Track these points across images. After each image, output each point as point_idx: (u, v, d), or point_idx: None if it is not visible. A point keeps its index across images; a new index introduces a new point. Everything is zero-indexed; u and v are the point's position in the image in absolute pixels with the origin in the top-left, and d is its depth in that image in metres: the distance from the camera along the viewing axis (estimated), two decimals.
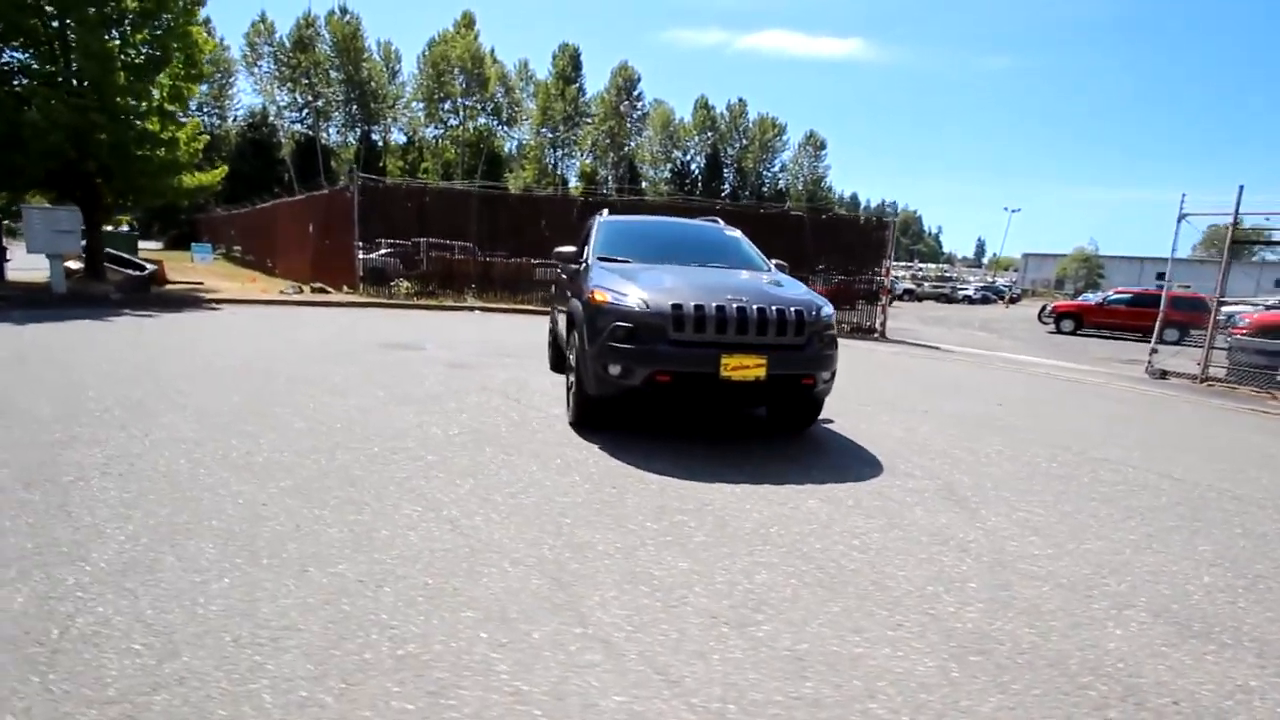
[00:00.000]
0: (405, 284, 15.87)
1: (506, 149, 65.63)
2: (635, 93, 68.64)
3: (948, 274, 75.15)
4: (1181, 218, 12.21)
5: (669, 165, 72.58)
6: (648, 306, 4.14)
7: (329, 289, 16.38)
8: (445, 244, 18.04)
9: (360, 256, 16.42)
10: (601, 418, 4.65)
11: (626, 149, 69.77)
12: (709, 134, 73.31)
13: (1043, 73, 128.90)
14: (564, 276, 6.25)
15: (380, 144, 60.92)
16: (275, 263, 23.26)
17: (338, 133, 59.96)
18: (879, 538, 3.14)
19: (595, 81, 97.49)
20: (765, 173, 75.90)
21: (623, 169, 67.91)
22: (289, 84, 54.36)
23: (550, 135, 65.75)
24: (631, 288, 4.33)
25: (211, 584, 2.35)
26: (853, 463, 4.40)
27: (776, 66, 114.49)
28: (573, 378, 4.93)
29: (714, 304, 4.12)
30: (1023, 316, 31.09)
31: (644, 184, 68.21)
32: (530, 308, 15.92)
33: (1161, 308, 12.61)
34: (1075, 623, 2.46)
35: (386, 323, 11.60)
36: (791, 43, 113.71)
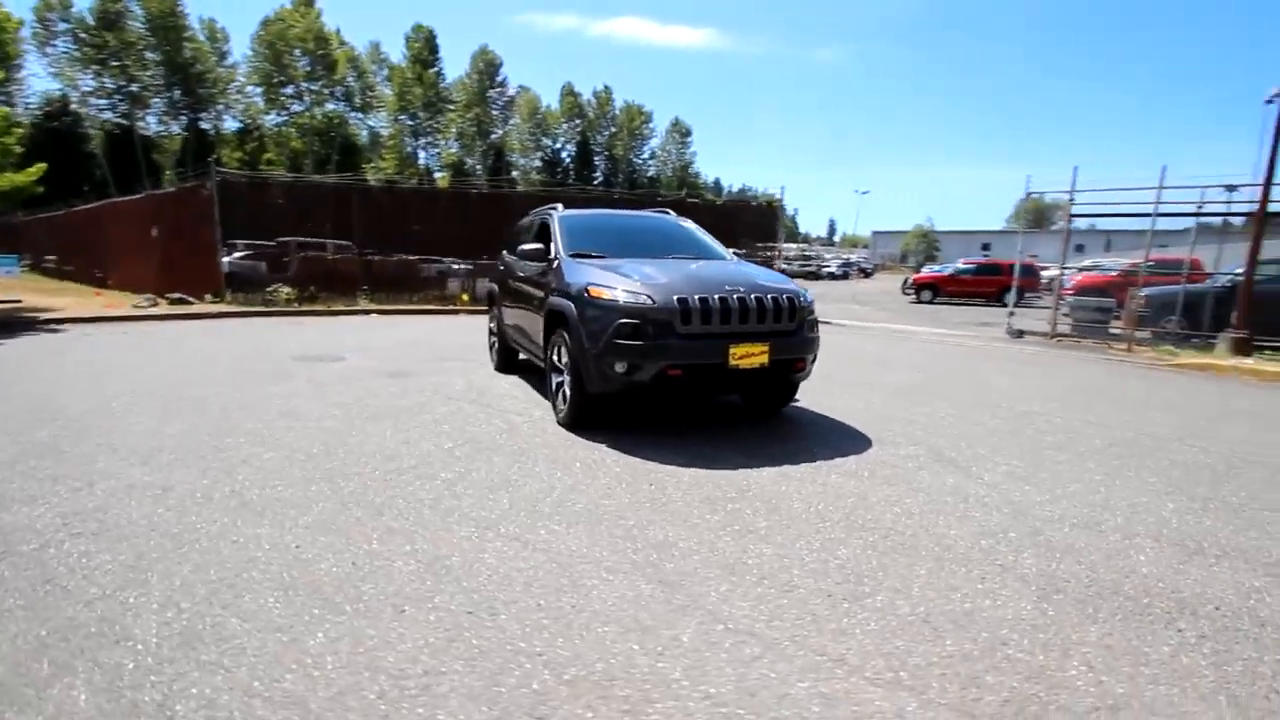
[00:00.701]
0: (285, 289, 14.48)
1: (363, 137, 61.26)
2: (499, 78, 66.75)
3: (808, 253, 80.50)
4: (1027, 194, 13.99)
5: (539, 154, 71.48)
6: (653, 301, 4.14)
7: (190, 299, 14.58)
8: (317, 243, 16.67)
9: (225, 260, 14.78)
10: (598, 416, 4.60)
11: (494, 137, 67.78)
12: (577, 122, 72.96)
13: (876, 62, 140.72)
14: (520, 275, 6.06)
15: (213, 133, 54.62)
16: (107, 273, 20.21)
17: (159, 121, 52.95)
18: (911, 503, 3.41)
19: (454, 66, 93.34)
20: (636, 160, 76.86)
21: (491, 158, 65.93)
22: (94, 66, 47.10)
23: (410, 123, 62.30)
24: (628, 283, 4.31)
25: (306, 639, 2.11)
26: (840, 437, 4.69)
27: (634, 54, 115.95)
28: (558, 378, 4.85)
29: (717, 296, 4.22)
30: (882, 289, 34.10)
31: (514, 173, 66.67)
32: (431, 308, 15.17)
33: (1016, 275, 14.44)
34: (1106, 554, 2.85)
35: (283, 333, 10.58)
36: (646, 30, 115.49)
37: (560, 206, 6.04)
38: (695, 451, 4.17)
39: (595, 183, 68.11)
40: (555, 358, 4.87)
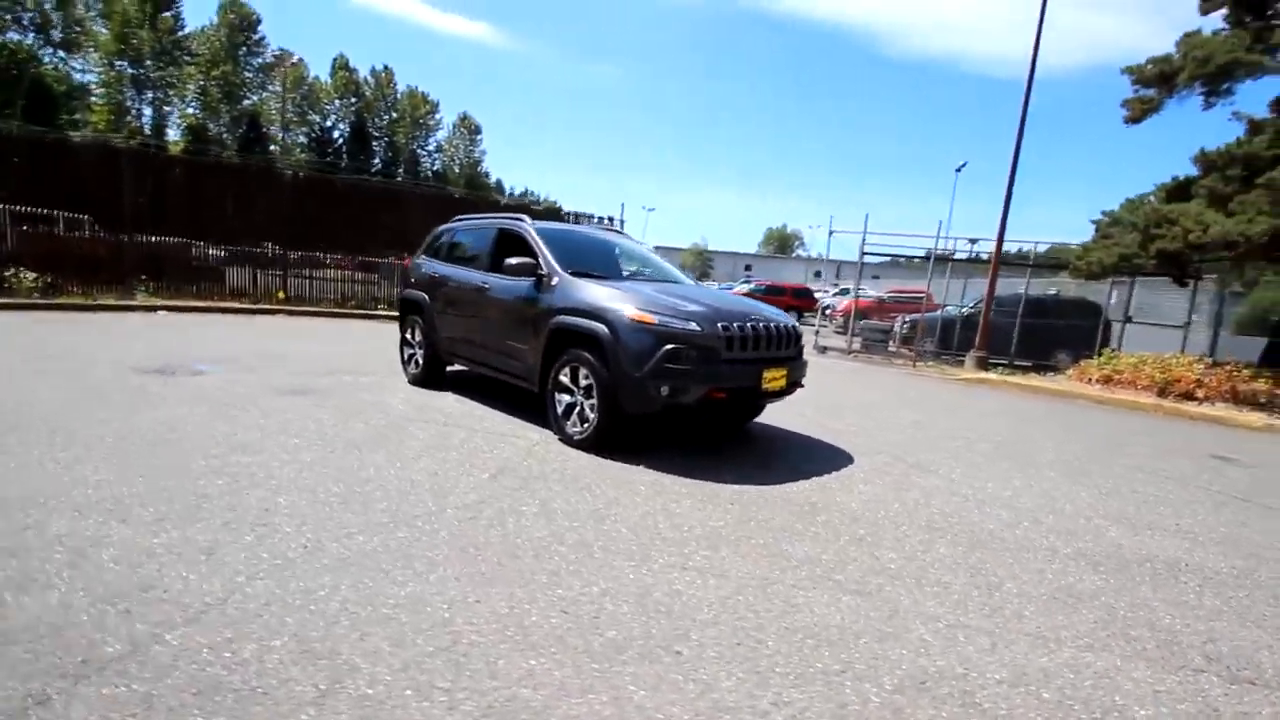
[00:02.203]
0: (28, 275, 11.23)
1: (73, 80, 48.77)
2: (256, 36, 58.06)
3: None
4: (831, 233, 16.50)
5: (305, 129, 63.60)
6: (701, 329, 4.34)
7: None
8: (45, 215, 13.19)
9: None
10: (625, 437, 4.64)
11: (248, 103, 58.71)
12: (352, 100, 66.50)
13: (649, 83, 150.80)
14: (481, 286, 5.71)
15: None
16: None
17: None
18: (937, 503, 4.14)
19: (198, 16, 79.39)
20: (420, 151, 72.41)
21: (244, 126, 56.92)
22: None
23: (134, 72, 51.20)
24: (673, 309, 4.44)
25: (562, 709, 2.03)
26: (825, 451, 5.33)
27: (407, 36, 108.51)
28: (568, 399, 4.77)
29: (749, 324, 4.56)
30: None
31: (274, 148, 58.43)
32: (239, 306, 12.93)
33: (840, 301, 16.95)
34: (1121, 537, 3.80)
35: (63, 333, 8.32)
36: (418, 11, 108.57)
37: (526, 219, 5.84)
38: (733, 472, 4.44)
39: (373, 170, 62.77)
40: (566, 379, 4.77)
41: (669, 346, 4.26)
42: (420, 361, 6.63)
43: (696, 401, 4.37)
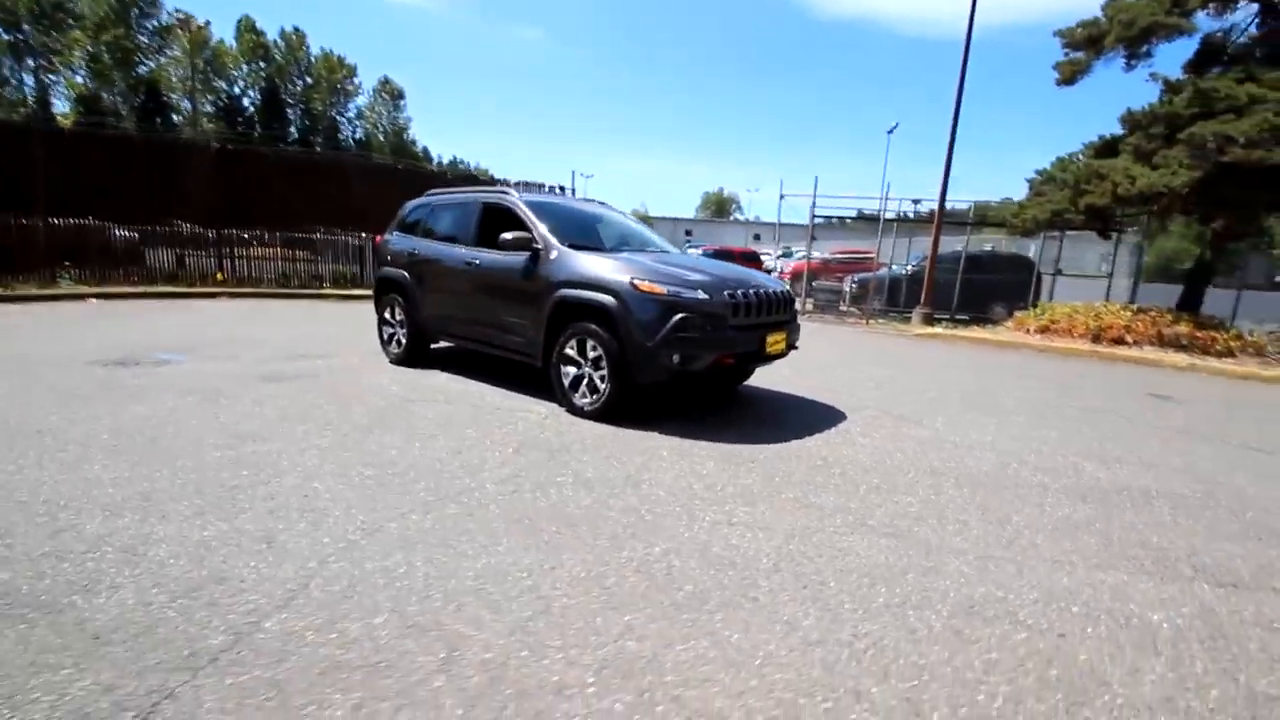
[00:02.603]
0: None
1: None
2: None
3: None
4: (782, 196, 16.81)
5: (211, 98, 59.13)
6: (709, 297, 4.46)
7: None
8: None
9: None
10: (633, 406, 4.75)
11: (144, 70, 54.02)
12: (262, 65, 62.10)
13: (576, 46, 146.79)
14: (472, 263, 5.63)
15: None
16: None
17: None
18: (933, 451, 4.45)
19: None
20: (340, 118, 68.61)
21: (142, 96, 52.42)
22: None
23: (9, 38, 46.18)
24: (680, 279, 4.54)
25: (671, 655, 2.19)
26: (815, 409, 5.59)
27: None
28: (575, 370, 4.84)
29: (751, 291, 4.71)
30: None
31: (177, 118, 54.15)
32: (175, 290, 12.18)
33: (786, 263, 17.32)
34: (1097, 471, 4.20)
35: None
36: None
37: (513, 192, 5.77)
38: (733, 432, 4.64)
39: (290, 139, 59.21)
40: (572, 351, 4.82)
41: (680, 316, 4.37)
42: (402, 341, 6.51)
43: (706, 368, 4.51)
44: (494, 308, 5.50)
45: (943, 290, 14.72)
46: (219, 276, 12.92)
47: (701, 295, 4.45)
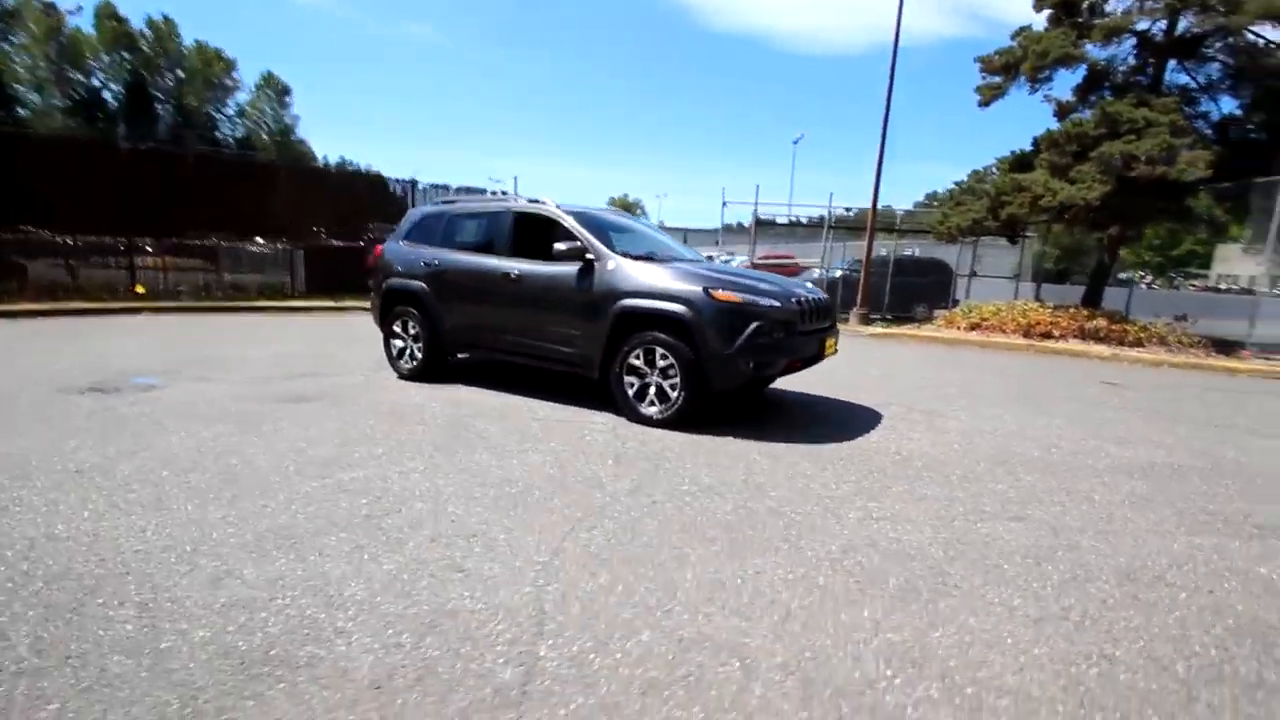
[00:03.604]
0: None
1: None
2: None
3: None
4: (724, 204, 17.38)
5: (67, 89, 52.71)
6: (780, 305, 4.63)
7: None
8: None
9: None
10: (702, 413, 4.84)
11: None
12: (125, 56, 56.17)
13: (472, 46, 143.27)
14: (510, 275, 5.50)
15: None
16: None
17: None
18: (980, 442, 4.85)
19: None
20: (218, 115, 63.27)
21: None
22: None
23: None
24: (745, 285, 4.68)
25: (931, 638, 2.36)
26: (843, 407, 5.91)
27: None
28: (639, 381, 4.88)
29: (808, 299, 4.93)
30: None
31: (24, 111, 47.90)
32: (96, 306, 10.87)
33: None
34: (1122, 452, 4.73)
35: None
36: None
37: (548, 201, 5.69)
38: (797, 433, 4.84)
39: (159, 136, 53.91)
40: (638, 361, 4.85)
41: (756, 323, 4.53)
42: (417, 355, 6.24)
43: (780, 372, 4.70)
44: (539, 319, 5.40)
45: (872, 292, 15.80)
46: (138, 289, 11.65)
47: (775, 303, 4.63)
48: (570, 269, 5.17)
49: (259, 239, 14.78)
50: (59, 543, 2.71)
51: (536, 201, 5.73)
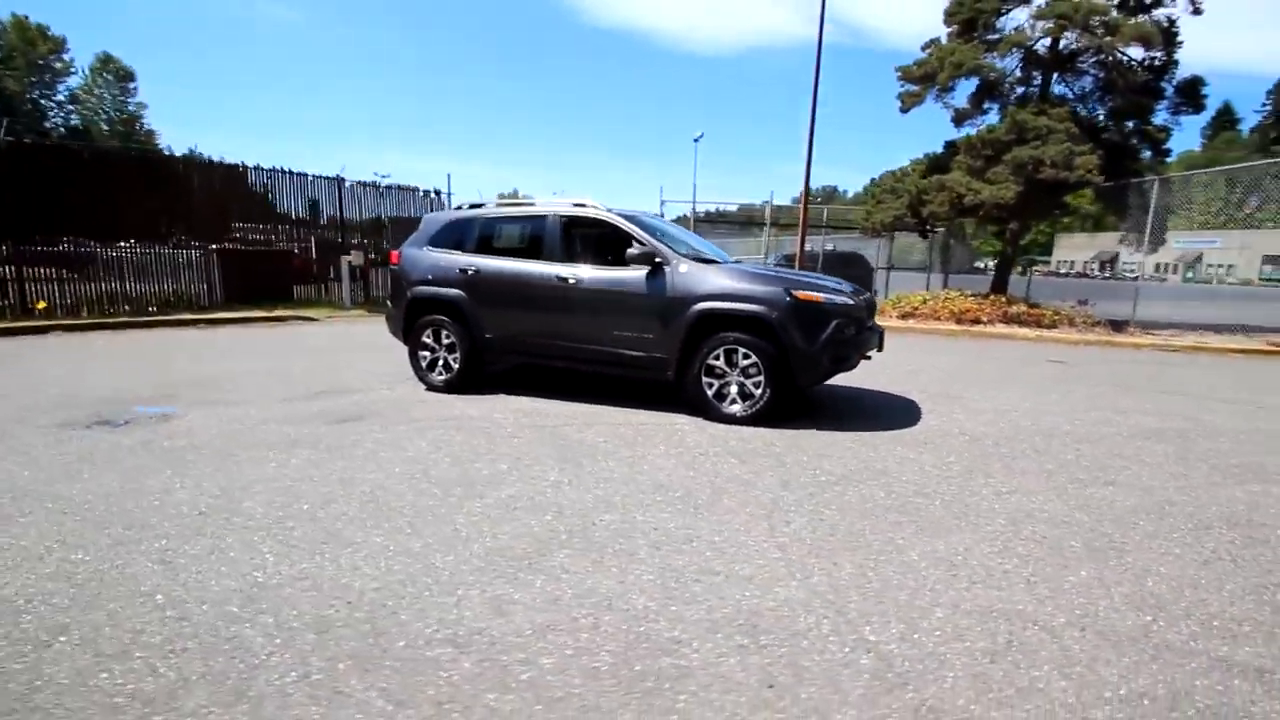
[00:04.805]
0: None
1: None
2: None
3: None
4: (663, 203, 17.67)
5: None
6: (853, 303, 4.97)
7: None
8: None
9: None
10: (783, 409, 5.08)
11: None
12: None
13: (339, 30, 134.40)
14: (568, 278, 5.45)
15: None
16: None
17: None
18: (1016, 420, 5.45)
19: None
20: (46, 101, 55.25)
21: None
22: None
23: None
24: (821, 286, 4.97)
25: (1148, 585, 2.78)
26: (879, 396, 6.39)
27: None
28: (718, 382, 5.05)
29: (864, 296, 5.32)
30: None
31: None
32: (36, 323, 9.32)
33: None
34: (1134, 420, 5.48)
35: None
36: None
37: (593, 202, 5.68)
38: (858, 422, 5.24)
39: None
40: (718, 361, 5.01)
41: (836, 321, 4.84)
42: (452, 366, 6.01)
43: (855, 365, 5.05)
44: (602, 324, 5.40)
45: None
46: (40, 305, 10.11)
47: (850, 301, 4.97)
48: (638, 273, 5.23)
49: (167, 244, 13.24)
50: (278, 589, 2.50)
51: (582, 205, 5.71)
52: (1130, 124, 13.81)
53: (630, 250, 5.16)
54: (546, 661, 2.09)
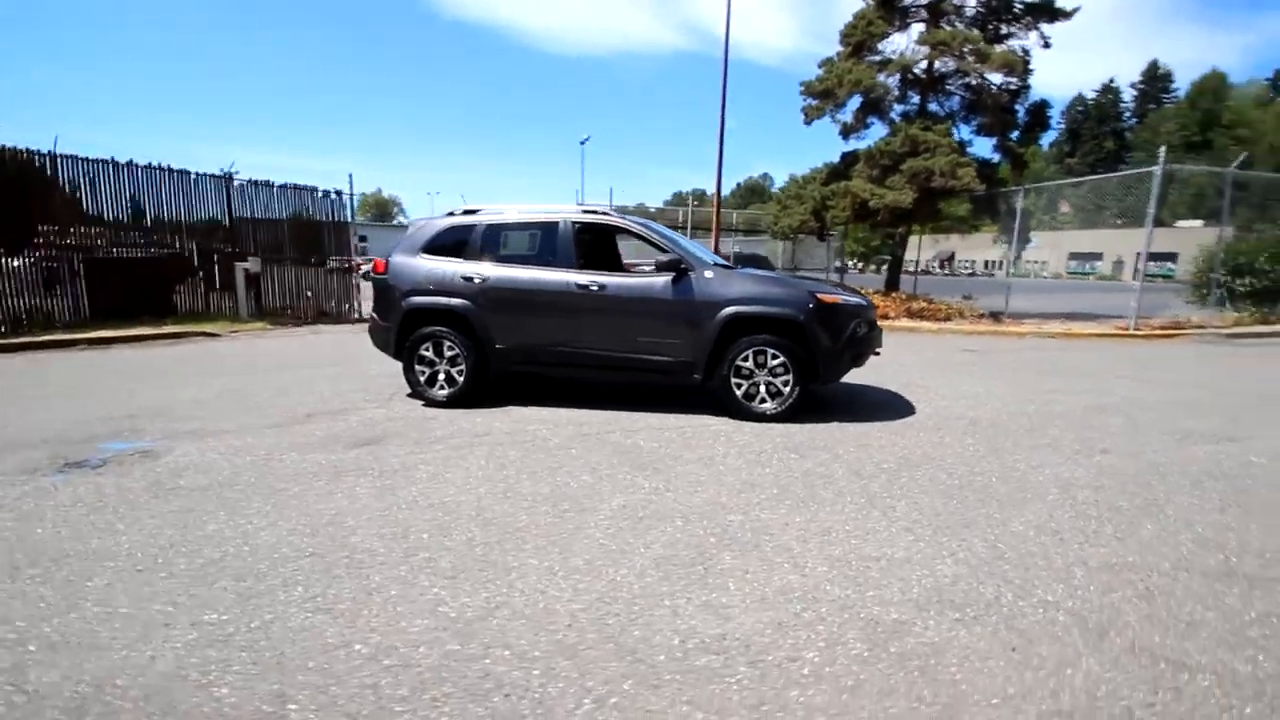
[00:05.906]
0: None
1: None
2: None
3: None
4: (581, 206, 17.62)
5: None
6: (866, 305, 5.39)
7: None
8: None
9: None
10: (805, 405, 5.40)
11: None
12: None
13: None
14: (588, 285, 5.42)
15: None
16: None
17: None
18: (1005, 405, 6.15)
19: None
20: None
21: None
22: None
23: None
24: (837, 291, 5.35)
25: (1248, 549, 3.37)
26: (863, 390, 6.91)
27: None
28: (745, 383, 5.30)
29: (867, 299, 5.78)
30: None
31: None
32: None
33: None
34: (1114, 402, 6.36)
35: None
36: None
37: (606, 208, 5.70)
38: (877, 414, 5.70)
39: None
40: (746, 363, 5.23)
41: (856, 321, 5.24)
42: (456, 379, 5.76)
43: (864, 361, 5.47)
44: (625, 330, 5.44)
45: None
46: None
47: (864, 303, 5.39)
48: (663, 279, 5.33)
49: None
50: (483, 622, 2.38)
51: (593, 211, 5.71)
52: (989, 139, 15.83)
53: (660, 258, 5.26)
54: (811, 655, 2.20)
